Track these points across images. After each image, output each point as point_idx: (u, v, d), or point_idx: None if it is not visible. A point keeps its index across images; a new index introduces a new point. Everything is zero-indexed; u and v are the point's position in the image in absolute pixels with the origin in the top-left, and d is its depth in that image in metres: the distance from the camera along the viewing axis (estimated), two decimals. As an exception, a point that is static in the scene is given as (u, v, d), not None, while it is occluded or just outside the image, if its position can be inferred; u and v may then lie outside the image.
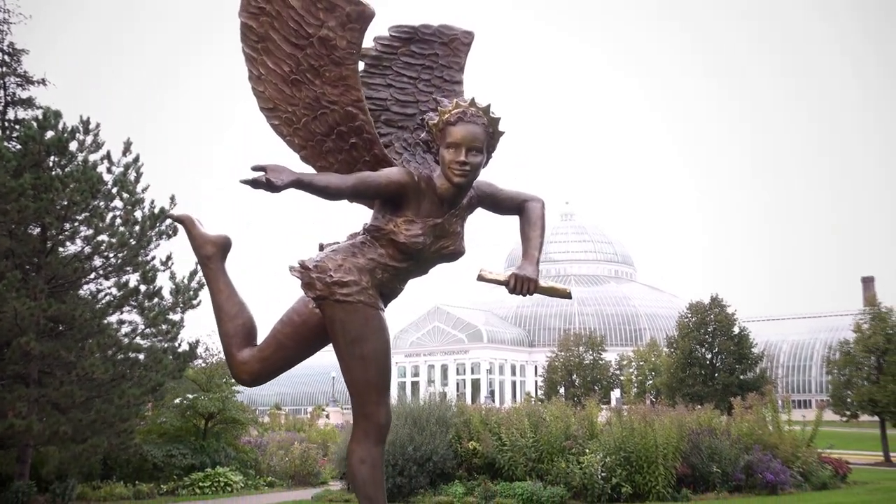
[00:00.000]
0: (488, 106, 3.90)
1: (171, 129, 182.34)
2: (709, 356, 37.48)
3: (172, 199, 14.19)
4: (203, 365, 19.22)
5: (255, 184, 3.38)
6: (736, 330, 37.43)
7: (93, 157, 13.59)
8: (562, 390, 44.34)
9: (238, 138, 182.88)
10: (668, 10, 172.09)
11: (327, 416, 38.99)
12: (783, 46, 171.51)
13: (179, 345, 14.62)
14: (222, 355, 24.00)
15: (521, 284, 3.90)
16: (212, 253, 4.35)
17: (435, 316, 76.58)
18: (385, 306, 4.02)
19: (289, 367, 4.32)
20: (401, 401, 16.17)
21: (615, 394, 50.65)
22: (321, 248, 4.13)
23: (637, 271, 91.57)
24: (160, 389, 13.89)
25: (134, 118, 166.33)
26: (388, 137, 4.23)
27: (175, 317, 14.13)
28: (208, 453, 16.49)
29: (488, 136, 3.90)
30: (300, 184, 3.53)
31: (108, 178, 13.63)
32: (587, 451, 13.30)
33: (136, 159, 13.91)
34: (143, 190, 13.91)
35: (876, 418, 28.25)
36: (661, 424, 13.54)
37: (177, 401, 16.84)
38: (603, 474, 12.88)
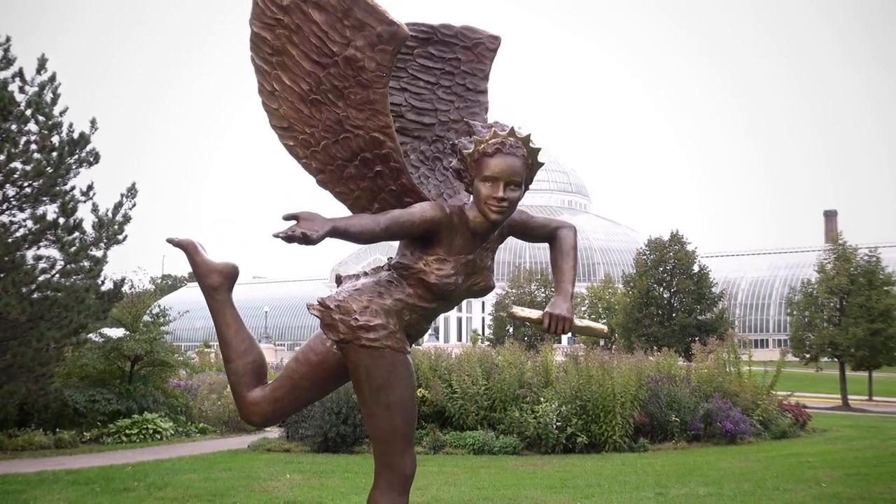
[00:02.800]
0: (528, 136, 3.73)
1: (87, 46, 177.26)
2: (667, 295, 38.21)
3: (93, 122, 13.79)
4: (129, 298, 18.89)
5: (289, 239, 3.24)
6: (696, 268, 38.17)
7: (3, 75, 13.08)
8: (511, 329, 44.89)
9: (161, 55, 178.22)
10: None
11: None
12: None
13: (103, 283, 14.38)
14: (148, 286, 23.60)
15: (556, 323, 3.85)
16: (218, 283, 4.22)
17: (375, 248, 76.53)
18: (410, 347, 3.95)
19: (303, 408, 4.24)
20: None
21: (568, 334, 51.54)
22: (338, 280, 4.02)
23: (592, 202, 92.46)
24: (83, 332, 13.68)
25: (47, 33, 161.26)
26: (404, 147, 4.07)
27: (98, 253, 13.84)
28: (135, 398, 16.37)
29: (527, 168, 3.74)
30: (335, 232, 3.40)
31: (20, 98, 13.15)
32: (542, 399, 13.54)
33: (53, 78, 13.41)
34: (62, 113, 13.45)
35: (834, 360, 29.25)
36: (620, 372, 13.82)
37: (93, 336, 16.56)
38: (558, 424, 13.14)
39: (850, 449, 13.89)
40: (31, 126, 13.30)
